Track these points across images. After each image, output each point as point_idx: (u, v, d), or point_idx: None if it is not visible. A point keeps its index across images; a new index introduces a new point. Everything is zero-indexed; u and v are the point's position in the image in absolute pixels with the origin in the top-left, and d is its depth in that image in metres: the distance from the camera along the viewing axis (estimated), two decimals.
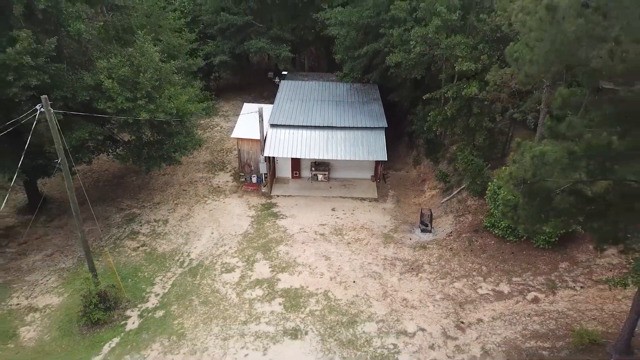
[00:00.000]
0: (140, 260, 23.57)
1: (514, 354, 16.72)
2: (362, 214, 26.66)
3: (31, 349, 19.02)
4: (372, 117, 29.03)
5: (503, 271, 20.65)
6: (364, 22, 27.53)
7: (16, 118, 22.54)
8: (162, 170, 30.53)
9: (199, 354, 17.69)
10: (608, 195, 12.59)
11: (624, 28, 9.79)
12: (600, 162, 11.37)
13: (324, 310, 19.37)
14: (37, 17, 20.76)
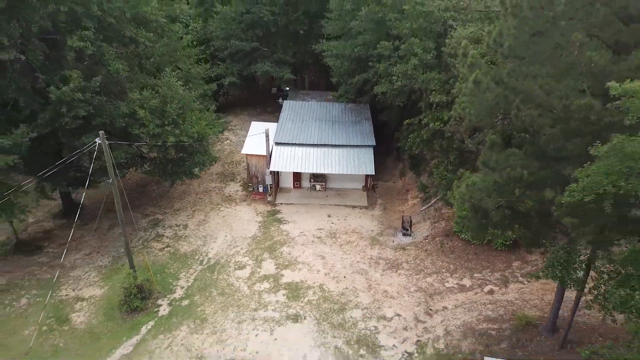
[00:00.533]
0: (166, 259, 27.86)
1: (469, 333, 20.96)
2: (353, 220, 30.92)
3: (82, 331, 23.28)
4: (362, 136, 33.30)
5: (467, 268, 24.89)
6: (355, 55, 31.85)
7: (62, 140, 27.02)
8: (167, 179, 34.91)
9: (219, 334, 21.94)
10: (530, 212, 16.82)
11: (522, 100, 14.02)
12: (514, 189, 15.56)
13: (320, 300, 23.61)
14: (85, 60, 25.06)
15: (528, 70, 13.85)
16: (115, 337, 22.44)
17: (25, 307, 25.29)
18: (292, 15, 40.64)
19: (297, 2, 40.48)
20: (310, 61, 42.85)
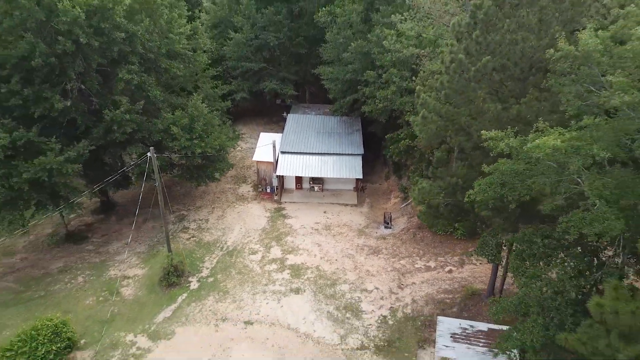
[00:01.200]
0: (192, 246, 34.10)
1: (430, 301, 27.14)
2: (344, 215, 37.12)
3: (131, 301, 29.51)
4: (353, 146, 39.50)
5: (433, 253, 31.08)
6: (347, 79, 38.01)
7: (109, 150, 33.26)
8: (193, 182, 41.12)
9: (238, 302, 28.16)
10: (467, 208, 22.99)
11: (454, 130, 20.21)
12: (455, 192, 21.70)
13: (316, 277, 29.82)
14: (131, 88, 31.26)
15: (456, 111, 20.03)
16: (158, 305, 28.70)
17: (82, 284, 31.61)
18: (294, 39, 46.74)
19: (298, 29, 46.56)
20: (311, 78, 48.94)
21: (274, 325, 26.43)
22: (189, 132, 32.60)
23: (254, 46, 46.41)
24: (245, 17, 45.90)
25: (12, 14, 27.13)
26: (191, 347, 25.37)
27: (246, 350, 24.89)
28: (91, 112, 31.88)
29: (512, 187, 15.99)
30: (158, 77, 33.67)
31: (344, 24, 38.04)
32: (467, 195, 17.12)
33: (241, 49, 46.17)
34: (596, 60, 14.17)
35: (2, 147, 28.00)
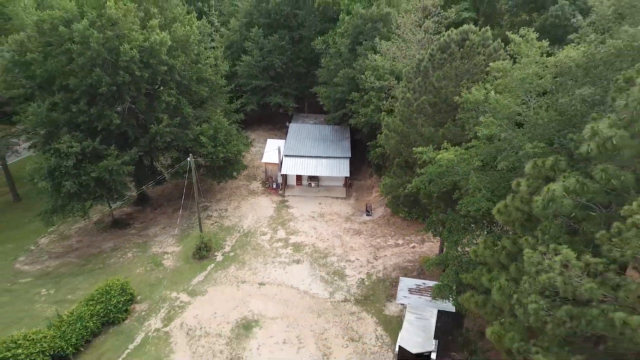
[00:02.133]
0: (216, 229, 42.95)
1: (396, 268, 36.05)
2: (335, 206, 45.99)
3: (171, 269, 38.35)
4: (342, 150, 48.33)
5: (401, 234, 39.98)
6: (337, 97, 46.84)
7: (151, 155, 42.02)
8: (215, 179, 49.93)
9: (253, 270, 37.01)
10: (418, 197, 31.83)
11: (406, 145, 29.07)
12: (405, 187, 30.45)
13: (312, 252, 38.69)
14: (170, 107, 40.06)
15: (407, 131, 28.89)
16: (192, 272, 37.57)
17: (131, 258, 40.49)
18: (295, 61, 55.48)
19: (298, 52, 55.30)
20: (309, 93, 57.73)
21: (281, 285, 35.35)
22: (214, 141, 41.45)
23: (261, 66, 55.17)
24: (255, 42, 54.64)
25: (86, 54, 35.93)
26: (220, 301, 34.26)
27: (260, 303, 33.79)
28: (139, 125, 40.76)
29: (435, 182, 24.87)
30: (189, 97, 42.50)
31: (335, 53, 46.91)
32: (408, 188, 25.99)
33: (251, 69, 54.93)
34: (480, 105, 23.03)
35: (74, 154, 36.93)
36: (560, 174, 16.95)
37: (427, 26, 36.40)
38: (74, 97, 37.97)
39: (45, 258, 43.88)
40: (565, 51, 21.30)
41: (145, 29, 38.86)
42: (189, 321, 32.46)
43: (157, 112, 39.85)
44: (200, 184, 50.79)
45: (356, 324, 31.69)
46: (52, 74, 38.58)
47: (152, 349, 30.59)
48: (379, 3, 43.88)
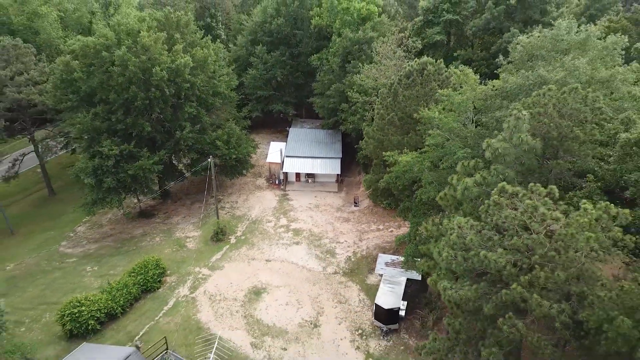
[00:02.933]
0: (229, 218, 50.82)
1: (377, 247, 43.99)
2: (328, 199, 53.89)
3: (193, 250, 46.22)
4: (334, 151, 56.20)
5: (382, 221, 47.92)
6: (330, 107, 54.67)
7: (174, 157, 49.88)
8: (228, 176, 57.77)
9: (261, 250, 44.91)
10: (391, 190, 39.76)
11: (381, 148, 37.00)
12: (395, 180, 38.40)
13: (309, 235, 46.62)
14: (192, 116, 47.86)
15: (382, 138, 36.76)
16: (211, 252, 45.43)
17: (159, 242, 48.33)
18: (294, 73, 63.20)
19: (297, 65, 63.03)
20: (307, 101, 65.50)
21: (283, 261, 43.29)
22: (227, 144, 49.29)
23: (265, 78, 62.89)
24: (259, 58, 62.38)
25: (124, 74, 43.70)
26: (234, 274, 42.16)
27: (267, 275, 41.70)
28: (165, 132, 48.57)
29: (399, 178, 32.79)
30: (206, 108, 50.33)
31: (328, 70, 54.72)
32: (380, 182, 33.88)
33: (256, 81, 62.67)
34: (433, 121, 30.91)
35: (114, 155, 44.76)
36: (478, 171, 24.88)
37: (399, 55, 44.22)
38: (113, 108, 45.79)
39: (85, 242, 51.75)
40: (490, 83, 29.26)
41: (170, 51, 46.66)
42: (211, 289, 40.40)
43: (180, 120, 47.65)
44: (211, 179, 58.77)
45: (343, 291, 39.67)
46: (94, 89, 46.43)
47: (182, 309, 38.50)
48: (364, 28, 51.71)
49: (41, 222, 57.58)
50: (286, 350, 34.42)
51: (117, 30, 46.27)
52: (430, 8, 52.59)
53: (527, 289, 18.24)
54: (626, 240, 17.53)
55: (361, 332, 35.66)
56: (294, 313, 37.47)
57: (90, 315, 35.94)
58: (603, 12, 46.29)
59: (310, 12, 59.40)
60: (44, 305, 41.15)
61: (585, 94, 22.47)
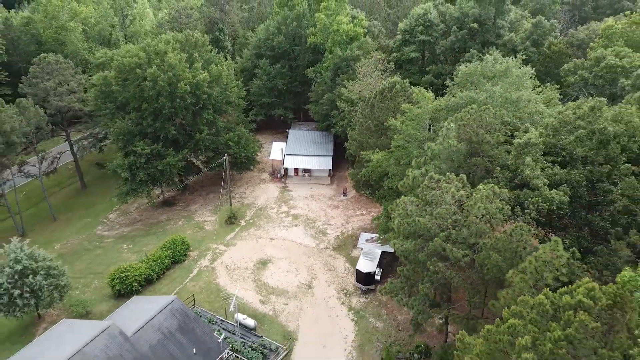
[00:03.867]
0: (239, 206, 60.41)
1: (360, 228, 53.64)
2: (322, 190, 63.50)
3: (210, 231, 55.80)
4: (327, 150, 65.76)
5: (365, 207, 57.55)
6: (323, 113, 64.16)
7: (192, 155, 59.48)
8: (237, 171, 67.30)
9: (266, 230, 54.48)
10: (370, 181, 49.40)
11: (362, 148, 46.65)
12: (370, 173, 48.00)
13: (305, 219, 56.22)
14: (209, 121, 57.31)
15: (362, 140, 46.32)
16: (225, 233, 55.03)
17: (181, 225, 57.91)
18: (293, 83, 72.46)
19: (296, 76, 72.30)
20: (304, 107, 74.97)
21: (284, 239, 52.90)
22: (237, 144, 58.81)
23: (268, 87, 72.12)
24: (263, 69, 71.70)
25: (155, 88, 53.11)
26: (245, 249, 51.75)
27: (272, 250, 51.29)
28: (186, 134, 58.06)
29: (374, 172, 42.36)
30: (220, 114, 59.84)
31: (321, 82, 64.18)
32: (360, 175, 43.44)
33: (260, 89, 71.98)
34: (397, 128, 40.44)
35: (146, 154, 54.26)
36: (424, 165, 34.50)
37: (376, 74, 53.63)
38: (144, 115, 55.23)
39: (118, 227, 61.33)
40: (439, 99, 38.85)
41: (191, 68, 56.08)
42: (226, 261, 50.06)
43: (199, 125, 57.13)
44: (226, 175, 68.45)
45: (332, 261, 49.36)
46: (128, 99, 55.87)
47: (204, 276, 48.13)
48: (351, 47, 61.07)
49: (77, 211, 67.10)
50: (287, 304, 44.09)
51: (147, 50, 55.60)
52: (407, 29, 62.01)
53: (445, 242, 27.89)
54: (505, 209, 27.18)
55: (345, 292, 45.34)
56: (293, 278, 47.15)
57: (134, 279, 45.58)
58: (544, 37, 55.58)
59: (306, 31, 68.72)
60: (92, 275, 50.81)
61: (494, 112, 32.09)
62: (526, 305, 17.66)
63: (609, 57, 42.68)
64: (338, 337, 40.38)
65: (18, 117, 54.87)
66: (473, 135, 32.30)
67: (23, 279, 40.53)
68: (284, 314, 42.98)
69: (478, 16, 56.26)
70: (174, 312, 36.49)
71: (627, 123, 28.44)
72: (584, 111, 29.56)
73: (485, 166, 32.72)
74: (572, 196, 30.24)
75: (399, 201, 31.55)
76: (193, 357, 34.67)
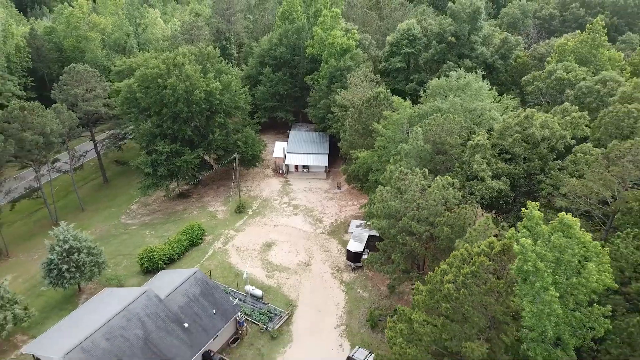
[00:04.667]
0: (246, 197, 68.43)
1: (351, 216, 61.74)
2: (319, 184, 71.53)
3: (221, 219, 63.80)
4: (324, 149, 73.77)
5: (357, 199, 65.56)
6: (320, 116, 72.12)
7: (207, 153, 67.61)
8: (245, 168, 75.29)
9: (270, 218, 62.50)
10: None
11: (353, 147, 54.75)
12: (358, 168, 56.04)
13: (304, 209, 64.23)
14: (220, 123, 65.32)
15: (352, 141, 54.35)
16: (235, 220, 63.05)
17: (196, 214, 66.00)
18: (293, 88, 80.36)
19: (296, 82, 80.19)
20: (303, 110, 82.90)
21: (286, 226, 60.96)
22: (245, 144, 66.81)
23: (271, 93, 80.00)
24: (266, 77, 79.60)
25: (174, 95, 61.08)
26: (252, 234, 59.79)
27: (275, 234, 59.34)
28: (200, 135, 66.06)
29: (361, 167, 50.34)
30: (229, 117, 67.84)
31: (318, 89, 72.12)
32: (349, 170, 51.44)
33: (264, 94, 79.91)
34: (380, 131, 48.42)
35: (166, 152, 62.32)
36: (398, 162, 42.54)
37: (365, 85, 61.55)
38: (164, 118, 63.20)
39: (140, 216, 69.41)
40: (414, 107, 46.85)
41: (205, 77, 64.01)
42: (237, 243, 58.12)
43: (212, 127, 65.11)
44: (236, 170, 76.68)
45: (327, 244, 57.44)
46: (150, 104, 63.82)
47: (218, 256, 56.19)
48: (344, 59, 68.96)
49: (102, 203, 75.20)
50: (288, 279, 52.15)
51: (167, 62, 63.44)
52: (394, 42, 69.91)
53: (411, 220, 35.95)
54: (456, 195, 35.23)
55: (338, 268, 53.42)
56: (294, 257, 55.22)
57: (159, 258, 53.65)
58: (510, 51, 63.30)
59: (305, 42, 76.58)
60: (121, 256, 58.86)
61: (454, 119, 40.11)
62: (455, 257, 25.56)
63: (559, 71, 50.60)
64: (331, 304, 48.42)
65: (55, 120, 62.84)
66: (437, 138, 40.31)
67: (70, 256, 48.52)
68: (286, 286, 51.01)
69: (454, 32, 64.17)
70: (197, 281, 44.56)
71: (550, 129, 36.29)
72: (520, 119, 37.53)
73: (447, 162, 40.76)
74: (514, 185, 38.34)
75: (378, 190, 39.60)
76: (213, 316, 42.76)
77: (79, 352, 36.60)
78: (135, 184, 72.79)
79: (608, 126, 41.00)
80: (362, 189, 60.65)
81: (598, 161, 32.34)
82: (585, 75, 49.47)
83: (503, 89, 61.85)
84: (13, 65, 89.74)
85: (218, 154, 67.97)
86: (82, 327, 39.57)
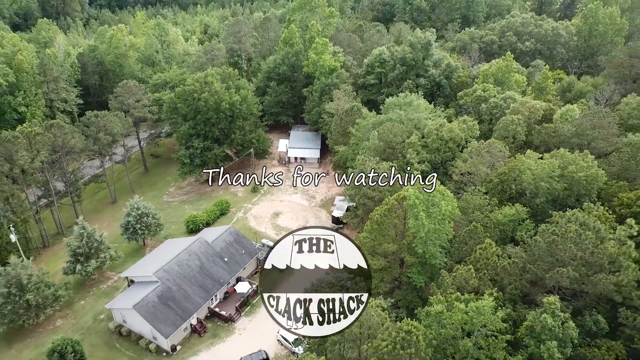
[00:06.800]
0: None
1: (337, 194, 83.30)
2: (313, 171, 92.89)
3: (242, 197, 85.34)
4: (316, 145, 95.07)
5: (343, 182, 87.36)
6: (313, 119, 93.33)
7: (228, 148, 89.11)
8: (258, 159, 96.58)
9: (277, 196, 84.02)
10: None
11: (341, 144, 76.31)
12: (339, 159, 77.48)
13: (302, 189, 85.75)
14: (240, 126, 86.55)
15: (336, 139, 75.77)
16: (251, 197, 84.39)
17: (222, 194, 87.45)
18: (294, 97, 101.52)
19: (295, 92, 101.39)
20: (301, 115, 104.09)
21: (289, 201, 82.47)
22: (257, 141, 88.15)
23: (275, 101, 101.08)
24: (272, 89, 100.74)
25: (206, 106, 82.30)
26: (265, 207, 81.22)
27: (281, 207, 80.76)
28: (225, 135, 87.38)
29: (341, 159, 71.78)
30: (246, 120, 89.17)
31: (312, 99, 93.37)
32: (334, 160, 72.83)
33: (270, 103, 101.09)
34: (353, 133, 69.84)
35: (200, 148, 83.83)
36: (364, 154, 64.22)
37: (345, 99, 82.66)
38: (198, 122, 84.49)
39: (178, 196, 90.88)
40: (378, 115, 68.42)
41: (228, 92, 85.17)
42: (254, 213, 79.65)
43: (233, 129, 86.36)
44: (250, 161, 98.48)
45: (318, 213, 79.09)
46: (187, 112, 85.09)
47: (241, 222, 77.72)
48: (332, 77, 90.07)
49: (145, 187, 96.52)
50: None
51: (200, 81, 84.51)
52: (368, 64, 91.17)
53: (367, 189, 57.50)
54: (395, 174, 56.93)
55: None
56: (295, 222, 76.77)
57: (200, 222, 75.18)
58: (452, 73, 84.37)
59: (302, 62, 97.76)
60: (169, 223, 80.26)
61: (400, 124, 61.65)
62: (384, 203, 47.10)
63: (478, 90, 72.02)
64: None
65: (117, 123, 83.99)
66: (389, 138, 61.87)
67: (142, 219, 69.94)
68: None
69: (412, 58, 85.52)
70: (231, 233, 66.16)
71: (454, 132, 57.68)
72: (437, 126, 58.97)
73: (393, 154, 62.35)
74: (435, 168, 60.01)
75: (348, 172, 61.19)
76: (242, 255, 64.34)
77: (162, 272, 58.11)
78: (170, 172, 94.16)
79: (500, 130, 62.76)
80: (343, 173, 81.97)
81: (476, 151, 54.02)
82: (495, 94, 71.03)
83: (447, 100, 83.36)
84: (69, 79, 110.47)
85: (237, 149, 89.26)
86: (161, 260, 61.06)
